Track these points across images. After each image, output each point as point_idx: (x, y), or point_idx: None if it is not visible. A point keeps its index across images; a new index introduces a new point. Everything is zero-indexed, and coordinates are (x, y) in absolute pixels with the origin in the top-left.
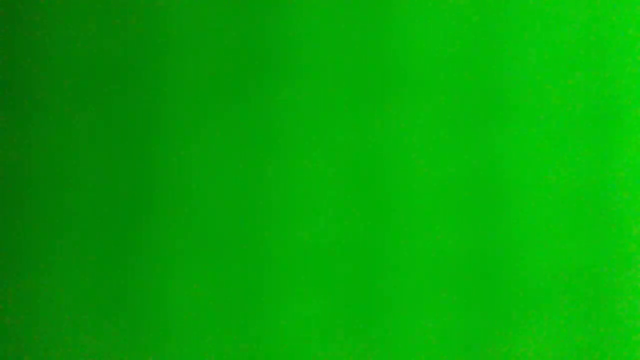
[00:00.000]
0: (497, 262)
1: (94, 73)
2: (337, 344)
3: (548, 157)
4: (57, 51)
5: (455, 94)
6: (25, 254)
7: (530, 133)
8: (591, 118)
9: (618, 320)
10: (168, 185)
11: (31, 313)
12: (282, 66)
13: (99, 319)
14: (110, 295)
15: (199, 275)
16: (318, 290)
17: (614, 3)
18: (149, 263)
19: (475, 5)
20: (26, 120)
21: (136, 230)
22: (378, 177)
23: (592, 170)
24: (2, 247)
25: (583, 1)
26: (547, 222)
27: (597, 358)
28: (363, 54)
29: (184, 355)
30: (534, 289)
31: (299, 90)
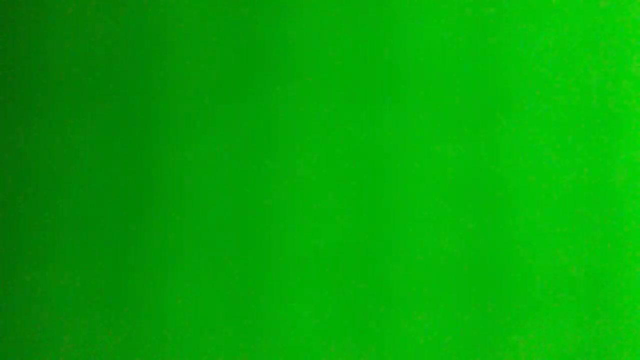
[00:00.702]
0: (498, 262)
1: (93, 73)
2: (338, 344)
3: (549, 156)
4: (57, 51)
5: (455, 93)
6: (25, 254)
7: (532, 132)
8: (592, 118)
9: (619, 320)
10: (168, 185)
11: (31, 313)
12: (281, 66)
13: (99, 319)
14: (110, 295)
15: (200, 276)
16: (318, 290)
17: (614, 3)
18: (149, 263)
19: (475, 5)
20: (26, 120)
21: (136, 230)
22: (378, 176)
23: (593, 170)
24: (2, 247)
25: (583, 1)
26: (548, 222)
27: (597, 358)
28: (363, 54)
29: (184, 355)
30: (535, 288)
31: (298, 89)
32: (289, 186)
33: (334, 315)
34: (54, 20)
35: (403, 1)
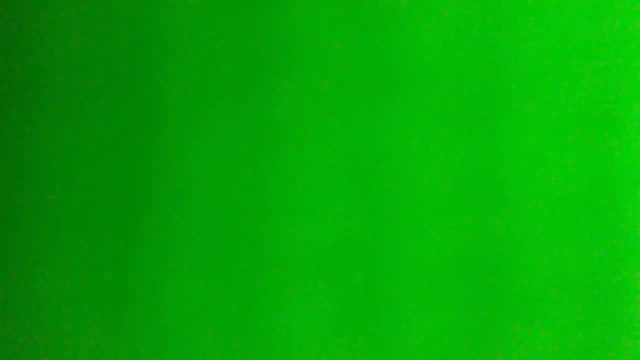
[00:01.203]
0: (498, 262)
1: (93, 72)
2: (338, 344)
3: (549, 156)
4: (57, 51)
5: (456, 94)
6: (25, 254)
7: (531, 133)
8: (592, 118)
9: (619, 320)
10: (168, 185)
11: (31, 313)
12: (282, 65)
13: (99, 319)
14: (110, 294)
15: (199, 275)
16: (318, 290)
17: (614, 3)
18: (149, 263)
19: (476, 5)
20: (26, 120)
21: (136, 230)
22: (379, 176)
23: (593, 170)
24: (2, 247)
25: (583, 1)
26: (548, 222)
27: (597, 358)
28: (363, 54)
29: (184, 355)
30: (535, 288)
31: (299, 89)
32: (289, 185)
33: (333, 315)
34: (54, 20)
35: (403, 1)
